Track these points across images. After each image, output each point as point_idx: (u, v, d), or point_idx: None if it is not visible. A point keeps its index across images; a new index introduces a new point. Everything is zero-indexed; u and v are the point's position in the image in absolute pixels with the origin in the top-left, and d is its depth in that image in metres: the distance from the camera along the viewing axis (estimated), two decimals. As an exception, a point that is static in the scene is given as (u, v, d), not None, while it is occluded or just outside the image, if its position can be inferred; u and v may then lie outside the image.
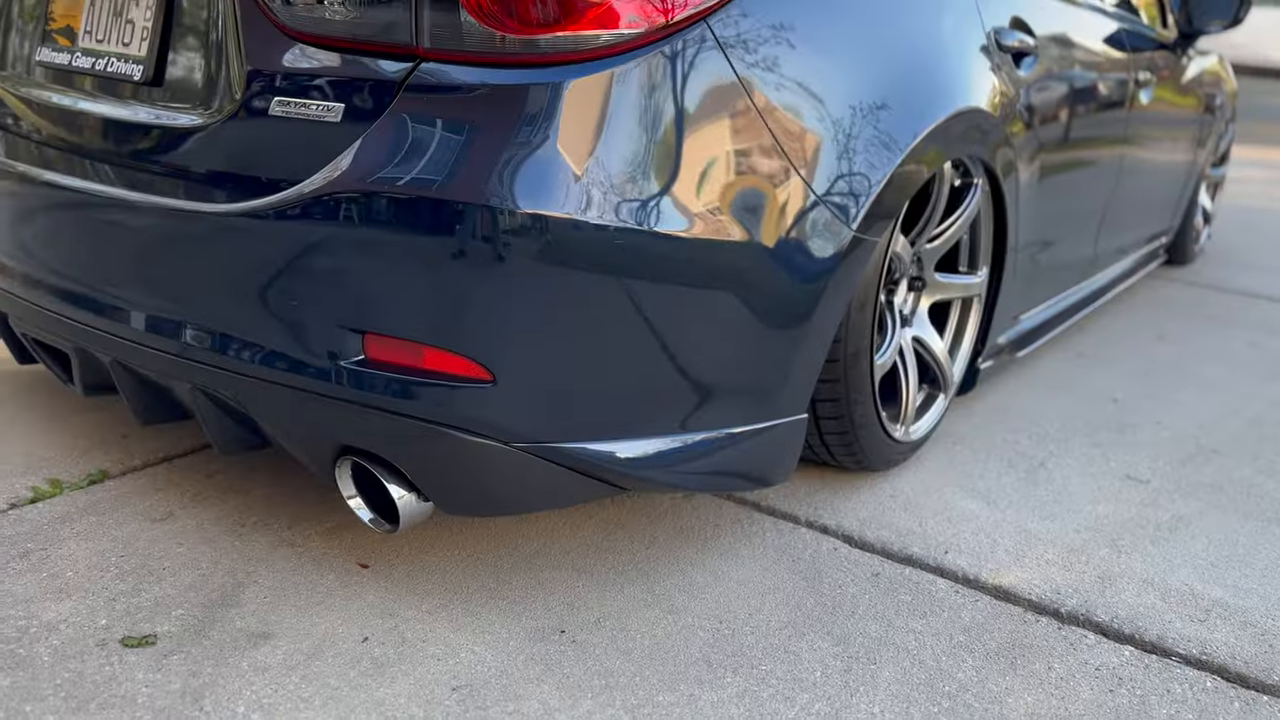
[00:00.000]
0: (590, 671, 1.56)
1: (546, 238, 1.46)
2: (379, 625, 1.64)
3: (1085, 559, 1.97)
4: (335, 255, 1.50)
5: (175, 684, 1.48)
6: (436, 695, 1.49)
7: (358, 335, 1.53)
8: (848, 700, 1.53)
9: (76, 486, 1.99)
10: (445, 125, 1.48)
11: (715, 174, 1.59)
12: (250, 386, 1.60)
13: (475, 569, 1.81)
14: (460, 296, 1.47)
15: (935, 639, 1.69)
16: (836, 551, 1.94)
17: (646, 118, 1.52)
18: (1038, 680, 1.61)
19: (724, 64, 1.59)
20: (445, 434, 1.54)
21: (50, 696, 1.44)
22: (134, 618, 1.62)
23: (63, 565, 1.74)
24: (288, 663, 1.54)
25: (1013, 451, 2.43)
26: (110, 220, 1.68)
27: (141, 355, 1.69)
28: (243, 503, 1.97)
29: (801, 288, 1.74)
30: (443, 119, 1.48)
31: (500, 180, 1.44)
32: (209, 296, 1.60)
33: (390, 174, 1.46)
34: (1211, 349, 3.36)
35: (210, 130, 1.61)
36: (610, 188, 1.49)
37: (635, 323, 1.57)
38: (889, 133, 1.87)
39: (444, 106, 1.48)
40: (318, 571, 1.77)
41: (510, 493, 1.66)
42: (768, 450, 1.85)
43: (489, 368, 1.51)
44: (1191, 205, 4.29)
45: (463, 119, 1.47)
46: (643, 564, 1.85)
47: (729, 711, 1.50)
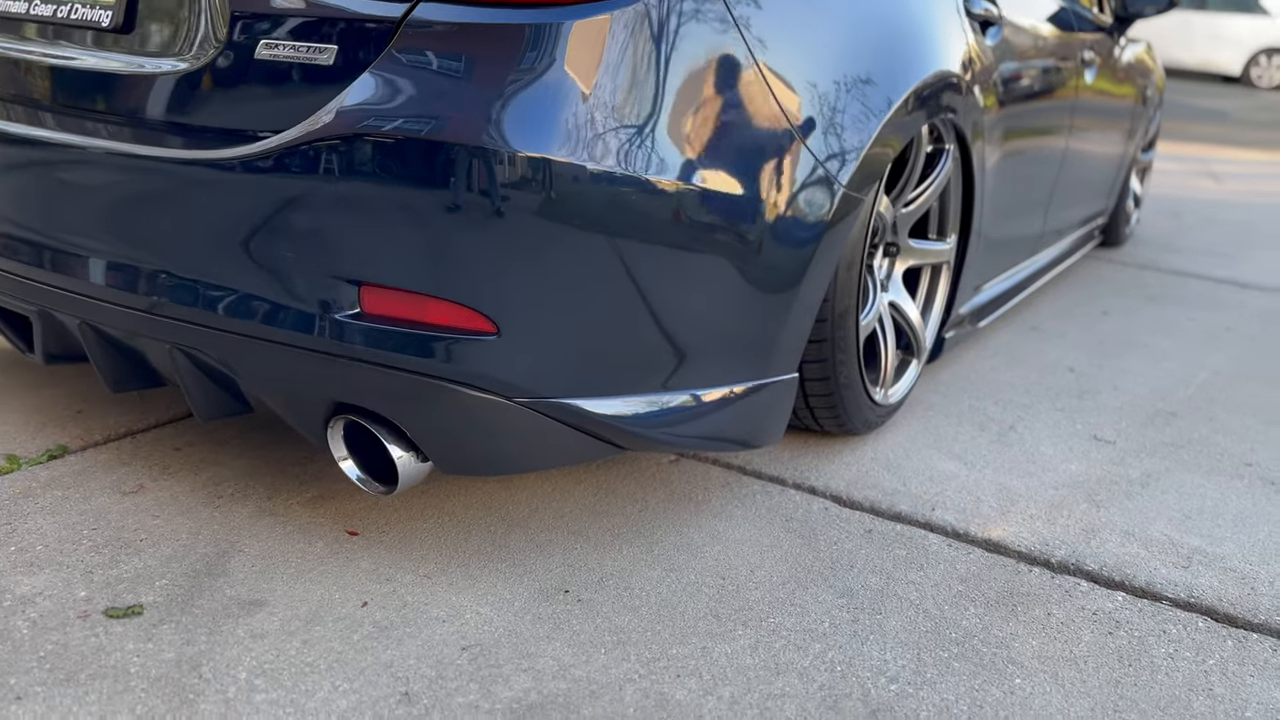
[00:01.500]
0: (600, 628, 1.53)
1: (552, 183, 1.43)
2: (377, 590, 1.58)
3: (1067, 513, 2.00)
4: (330, 203, 1.45)
5: (169, 653, 1.41)
6: (447, 655, 1.44)
7: (354, 287, 1.48)
8: (859, 649, 1.53)
9: (35, 461, 1.89)
10: (445, 66, 1.43)
11: (713, 124, 1.57)
12: (238, 344, 1.54)
13: (468, 534, 1.76)
14: (465, 245, 1.43)
15: (935, 590, 1.70)
16: (827, 511, 1.94)
17: (648, 64, 1.50)
18: (1040, 626, 1.63)
19: (724, 12, 1.58)
20: (447, 389, 1.50)
21: (35, 669, 1.36)
22: (115, 589, 1.54)
23: (31, 539, 1.65)
24: (285, 629, 1.47)
25: (982, 416, 2.47)
26: (83, 173, 1.59)
27: (116, 315, 1.61)
28: (216, 475, 1.89)
29: (797, 242, 1.73)
30: (442, 60, 1.43)
31: (502, 124, 1.41)
32: (194, 249, 1.53)
33: (388, 117, 1.41)
34: (1154, 323, 3.45)
35: (191, 76, 1.54)
36: (613, 134, 1.46)
37: (637, 274, 1.54)
38: (876, 90, 1.87)
39: (443, 47, 1.44)
40: (305, 540, 1.70)
41: (511, 451, 1.62)
42: (762, 410, 1.84)
43: (494, 319, 1.47)
44: (1125, 188, 4.41)
45: (462, 60, 1.43)
46: (637, 526, 1.83)
47: (744, 662, 1.48)
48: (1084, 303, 3.66)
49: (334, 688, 1.36)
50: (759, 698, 1.41)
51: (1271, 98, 13.56)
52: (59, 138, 1.61)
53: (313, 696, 1.34)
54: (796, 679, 1.45)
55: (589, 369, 1.58)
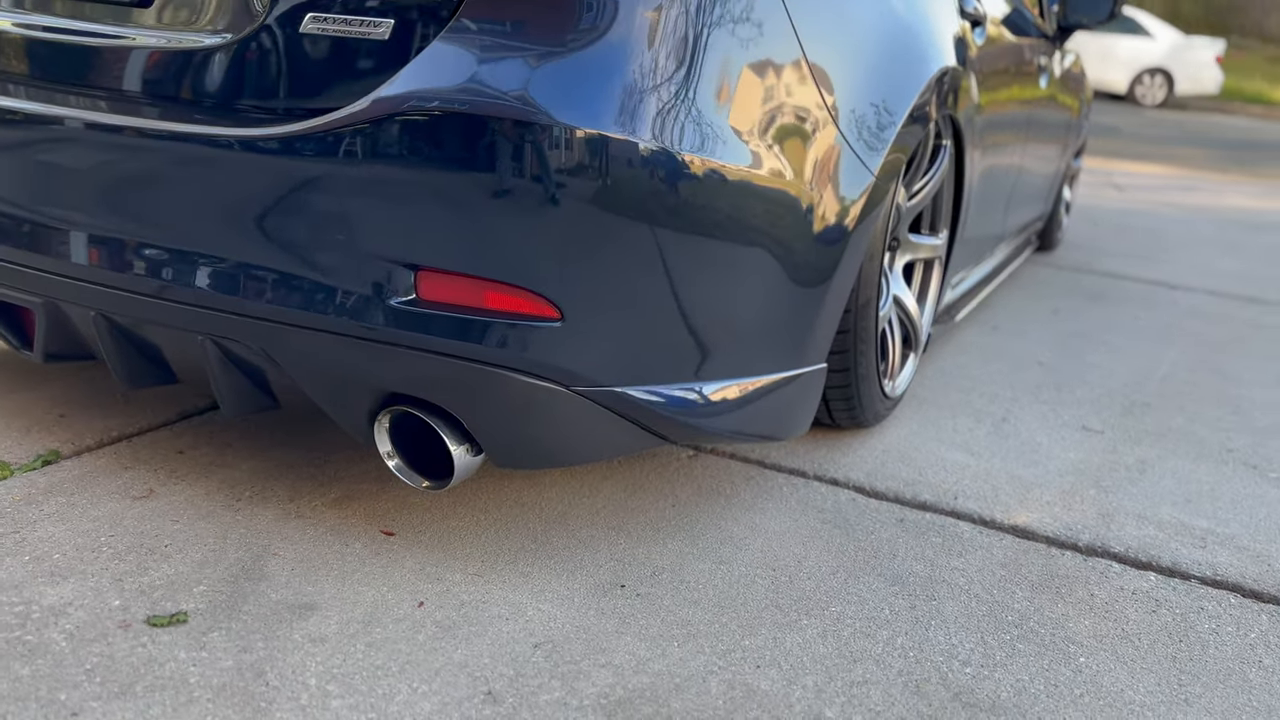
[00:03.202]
0: (667, 622, 1.49)
1: (623, 165, 1.39)
2: (429, 589, 1.52)
3: (1079, 499, 2.04)
4: (387, 184, 1.39)
5: (226, 661, 1.32)
6: (520, 653, 1.39)
7: (410, 272, 1.41)
8: (924, 634, 1.52)
9: (29, 468, 1.76)
10: (510, 41, 1.39)
11: (766, 110, 1.56)
12: (283, 333, 1.46)
13: (507, 531, 1.70)
14: (533, 227, 1.38)
15: (980, 575, 1.71)
16: (855, 502, 1.94)
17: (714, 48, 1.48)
18: (1087, 606, 1.65)
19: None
20: (507, 378, 1.45)
21: (84, 682, 1.25)
22: (151, 597, 1.44)
23: (45, 548, 1.53)
24: (345, 631, 1.40)
25: (973, 409, 2.50)
26: (108, 155, 1.49)
27: (143, 306, 1.51)
28: (228, 477, 1.79)
29: (836, 229, 1.73)
30: (508, 35, 1.39)
31: (574, 102, 1.37)
32: (237, 234, 1.45)
33: (453, 94, 1.36)
34: (1104, 321, 3.57)
35: (232, 50, 1.46)
36: (682, 118, 1.44)
37: (694, 260, 1.52)
38: (901, 80, 1.89)
39: (509, 21, 1.39)
40: (340, 541, 1.62)
41: (564, 442, 1.57)
42: (794, 400, 1.83)
43: (559, 305, 1.43)
44: (1059, 194, 4.56)
45: (530, 35, 1.39)
46: (674, 520, 1.79)
47: (817, 650, 1.46)
48: (1033, 303, 3.76)
49: (413, 690, 1.29)
50: (842, 685, 1.39)
51: (1155, 114, 14.25)
52: (81, 116, 1.50)
53: (392, 700, 1.27)
54: (874, 665, 1.44)
55: (643, 357, 1.55)
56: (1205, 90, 15.35)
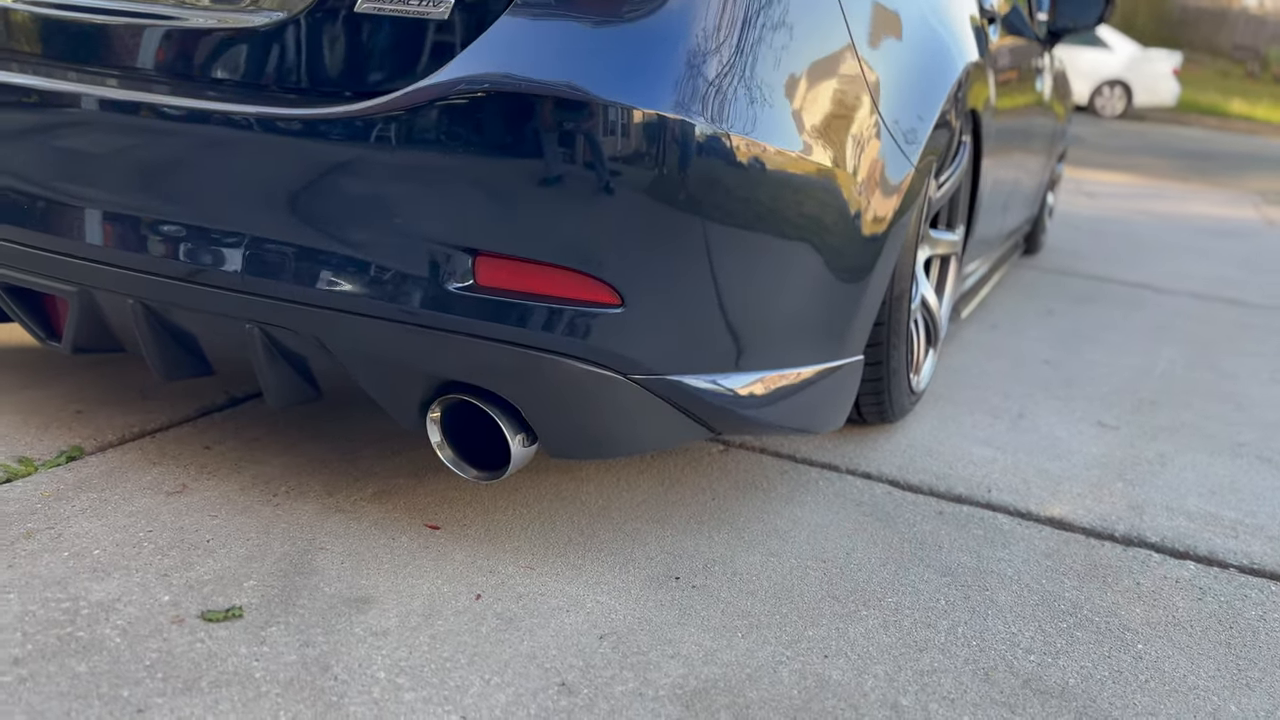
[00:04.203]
0: (727, 613, 1.47)
1: (689, 150, 1.37)
2: (484, 582, 1.48)
3: (1108, 492, 2.05)
4: (445, 167, 1.36)
5: (290, 655, 1.28)
6: (586, 645, 1.36)
7: (468, 256, 1.38)
8: (983, 624, 1.52)
9: (52, 464, 1.70)
10: (576, 21, 1.36)
11: (823, 99, 1.56)
12: (338, 321, 1.42)
13: (552, 525, 1.67)
14: (596, 211, 1.36)
15: (1026, 565, 1.71)
16: (890, 495, 1.93)
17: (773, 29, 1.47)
18: (1135, 594, 1.65)
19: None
20: (566, 365, 1.42)
21: (146, 679, 1.21)
22: (201, 592, 1.39)
23: (84, 543, 1.48)
24: (406, 624, 1.36)
25: (990, 406, 2.51)
26: (160, 138, 1.45)
27: (191, 294, 1.47)
28: (261, 473, 1.74)
29: (880, 219, 1.72)
30: (573, 14, 1.36)
31: (641, 84, 1.35)
32: (290, 219, 1.41)
33: (515, 75, 1.34)
34: (1097, 321, 3.60)
35: (285, 30, 1.42)
36: (746, 104, 1.43)
37: (749, 247, 1.50)
38: (937, 73, 1.89)
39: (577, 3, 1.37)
40: (386, 535, 1.59)
41: (618, 432, 1.55)
42: (835, 391, 1.82)
43: (620, 291, 1.40)
44: (1045, 198, 4.61)
45: (598, 14, 1.36)
46: (717, 514, 1.78)
47: (880, 640, 1.45)
48: (1027, 303, 3.80)
49: (485, 682, 1.26)
50: (913, 674, 1.38)
51: (1115, 125, 14.50)
52: (129, 98, 1.46)
53: (466, 692, 1.24)
54: (940, 654, 1.43)
55: (696, 346, 1.53)
56: (1163, 102, 15.66)
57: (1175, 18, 22.62)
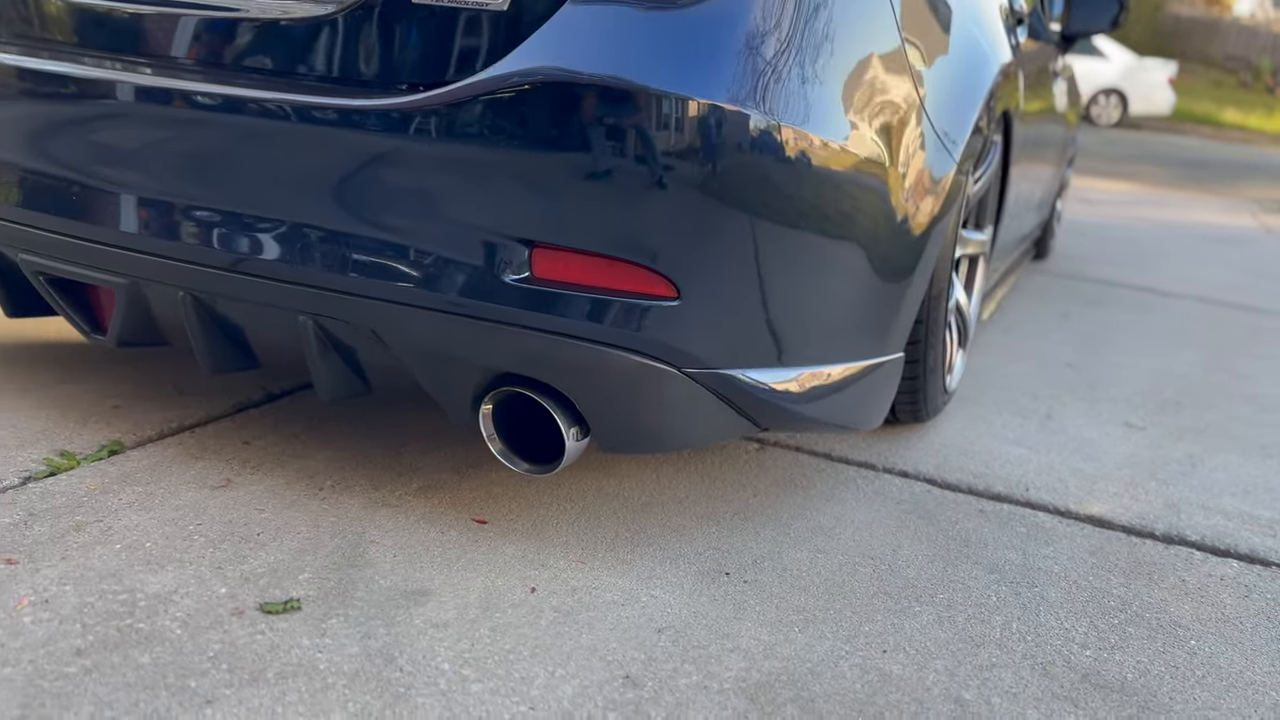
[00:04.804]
0: (782, 608, 1.47)
1: (748, 142, 1.37)
2: (537, 576, 1.48)
3: (1143, 490, 2.05)
4: (503, 159, 1.35)
5: (352, 647, 1.27)
6: (645, 638, 1.35)
7: (524, 248, 1.38)
8: (1036, 620, 1.52)
9: (94, 458, 1.69)
10: (637, 12, 1.36)
11: (873, 93, 1.56)
12: (394, 313, 1.42)
13: (598, 520, 1.67)
14: (655, 203, 1.35)
15: (1072, 563, 1.71)
16: (930, 493, 1.93)
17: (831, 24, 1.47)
18: (1182, 591, 1.65)
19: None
20: (621, 358, 1.42)
21: (211, 670, 1.20)
22: (257, 585, 1.38)
23: (135, 536, 1.47)
24: (464, 617, 1.36)
25: (1017, 406, 2.51)
26: (216, 129, 1.44)
27: (245, 285, 1.46)
28: (304, 468, 1.74)
29: (925, 215, 1.72)
30: (635, 4, 1.36)
31: (703, 75, 1.35)
32: (348, 210, 1.40)
33: (575, 67, 1.34)
34: (1111, 324, 3.62)
35: (343, 21, 1.42)
36: (803, 99, 1.42)
37: (805, 239, 1.50)
38: (975, 72, 1.90)
39: (634, -4, 1.37)
40: (435, 529, 1.58)
41: (669, 426, 1.54)
42: (876, 388, 1.82)
43: (676, 283, 1.40)
44: (1055, 203, 4.62)
45: (659, 4, 1.36)
46: (759, 510, 1.77)
47: (936, 635, 1.44)
48: (1042, 307, 3.81)
49: (550, 674, 1.26)
50: (972, 668, 1.37)
51: (1111, 133, 14.58)
52: (185, 88, 1.45)
53: (531, 684, 1.23)
54: (997, 649, 1.42)
55: (747, 340, 1.52)
56: (1158, 111, 15.74)
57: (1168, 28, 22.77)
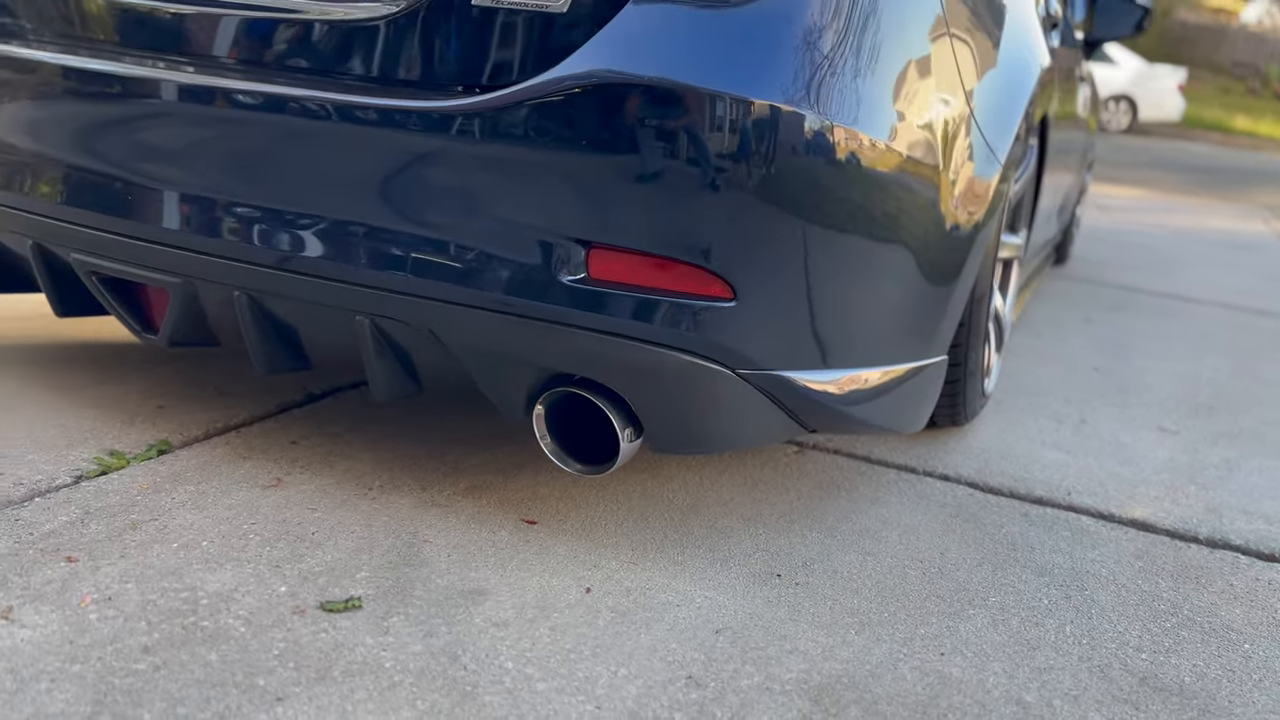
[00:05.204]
0: (836, 610, 1.47)
1: (807, 142, 1.38)
2: (591, 576, 1.48)
3: (1183, 495, 2.05)
4: (561, 160, 1.36)
5: (415, 645, 1.27)
6: (703, 639, 1.36)
7: (581, 248, 1.38)
8: (1089, 623, 1.52)
9: (143, 458, 1.70)
10: (696, 15, 1.36)
11: (924, 96, 1.56)
12: (452, 313, 1.42)
13: (646, 522, 1.67)
14: (713, 203, 1.36)
15: (1119, 566, 1.71)
16: (973, 497, 1.93)
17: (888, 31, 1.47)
18: (1231, 595, 1.65)
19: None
20: (677, 359, 1.42)
21: (278, 668, 1.20)
22: (316, 583, 1.39)
23: (191, 535, 1.47)
24: (523, 616, 1.36)
25: (1050, 411, 2.51)
26: (274, 130, 1.44)
27: (303, 285, 1.46)
28: (352, 468, 1.74)
29: (971, 217, 1.73)
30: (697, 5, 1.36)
31: (762, 77, 1.35)
32: (407, 211, 1.41)
33: (634, 70, 1.34)
34: (1135, 330, 3.61)
35: (401, 22, 1.42)
36: (859, 101, 1.43)
37: (859, 240, 1.50)
38: (1021, 76, 1.90)
39: None
40: (486, 529, 1.58)
41: (722, 427, 1.54)
42: (920, 391, 1.82)
43: (732, 285, 1.40)
44: (1075, 208, 4.62)
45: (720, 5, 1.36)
46: (804, 513, 1.77)
47: (991, 638, 1.44)
48: (1065, 311, 3.81)
49: (613, 674, 1.26)
50: (1031, 671, 1.37)
51: (1121, 139, 14.57)
52: (243, 88, 1.46)
53: (595, 683, 1.24)
54: (1053, 652, 1.42)
55: (798, 341, 1.53)
56: (1168, 117, 15.74)
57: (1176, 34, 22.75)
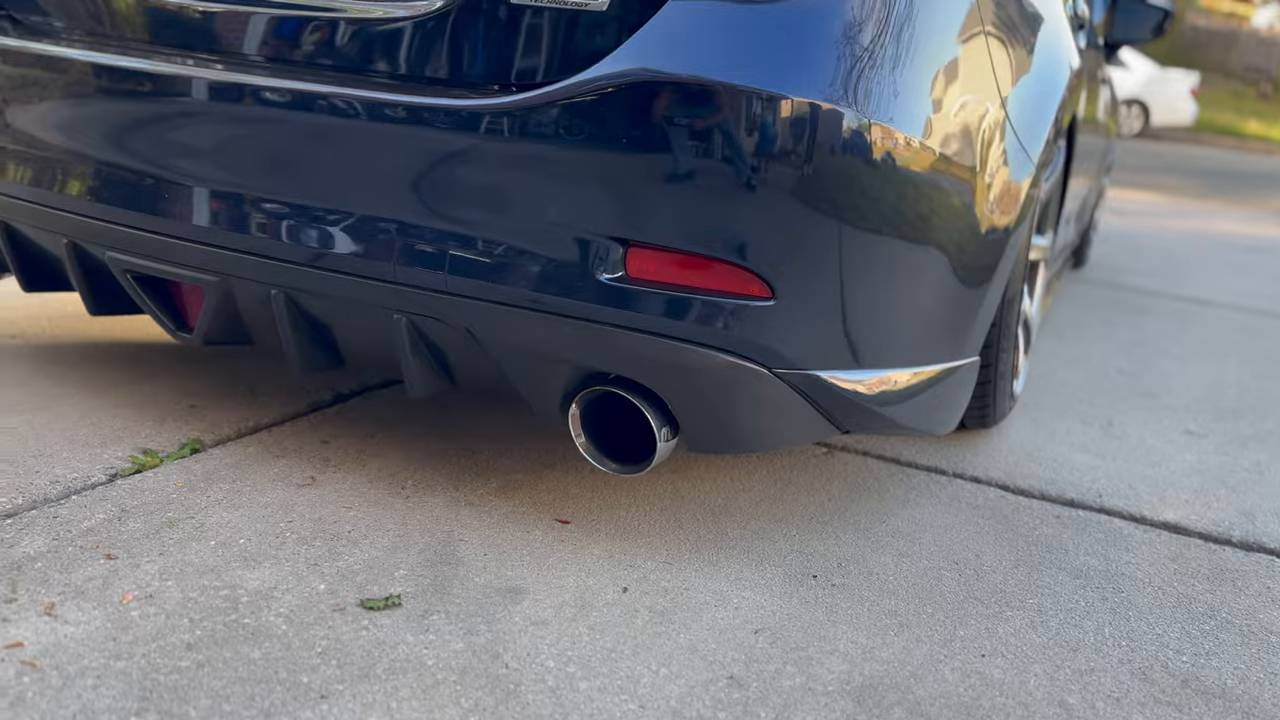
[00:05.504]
0: (874, 612, 1.46)
1: (847, 140, 1.37)
2: (627, 576, 1.48)
3: (1214, 497, 2.04)
4: (601, 159, 1.35)
5: (456, 643, 1.27)
6: (742, 639, 1.35)
7: (619, 247, 1.38)
8: (1127, 625, 1.51)
9: (176, 456, 1.70)
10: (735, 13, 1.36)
11: (960, 95, 1.55)
12: (490, 312, 1.42)
13: (679, 522, 1.67)
14: (755, 203, 1.35)
15: (1154, 568, 1.70)
16: (1005, 499, 1.92)
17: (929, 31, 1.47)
18: (1269, 598, 1.64)
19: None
20: (715, 358, 1.41)
21: (321, 665, 1.20)
22: (354, 581, 1.38)
23: (228, 533, 1.47)
24: (562, 615, 1.36)
25: (1076, 413, 2.50)
26: (313, 128, 1.44)
27: (340, 284, 1.46)
28: (384, 467, 1.74)
29: (1007, 217, 1.72)
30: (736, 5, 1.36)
31: (802, 74, 1.35)
32: (445, 209, 1.41)
33: (675, 69, 1.34)
34: (1156, 333, 3.60)
35: (440, 21, 1.42)
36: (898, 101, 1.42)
37: (897, 240, 1.50)
38: (1053, 78, 1.89)
39: None
40: (520, 528, 1.58)
41: (758, 426, 1.54)
42: (952, 392, 1.82)
43: (771, 284, 1.40)
44: (1093, 211, 4.61)
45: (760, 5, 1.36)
46: (836, 514, 1.77)
47: (1031, 639, 1.44)
48: (1085, 314, 3.80)
49: (654, 673, 1.25)
50: (1072, 673, 1.37)
51: (1133, 144, 14.53)
52: (284, 86, 1.46)
53: (638, 683, 1.23)
54: (1093, 654, 1.42)
55: (835, 341, 1.52)
56: (1180, 122, 15.70)
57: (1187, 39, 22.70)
